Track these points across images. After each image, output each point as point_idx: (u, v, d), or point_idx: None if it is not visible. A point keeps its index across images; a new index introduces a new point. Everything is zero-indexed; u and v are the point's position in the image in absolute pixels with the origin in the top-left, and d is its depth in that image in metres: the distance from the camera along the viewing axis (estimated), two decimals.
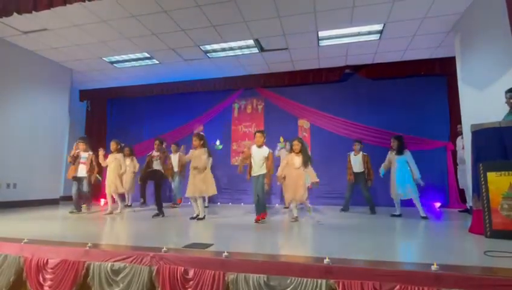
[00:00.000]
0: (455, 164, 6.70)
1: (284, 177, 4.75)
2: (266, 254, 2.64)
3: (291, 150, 4.86)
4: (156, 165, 5.48)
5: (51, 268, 2.67)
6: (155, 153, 5.54)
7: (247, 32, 6.08)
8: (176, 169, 6.91)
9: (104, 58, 7.37)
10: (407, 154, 5.27)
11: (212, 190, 4.85)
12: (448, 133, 7.04)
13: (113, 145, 5.74)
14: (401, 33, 6.06)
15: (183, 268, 2.37)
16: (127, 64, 7.72)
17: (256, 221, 4.49)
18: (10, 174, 6.52)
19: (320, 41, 6.44)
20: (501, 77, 4.31)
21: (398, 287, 1.94)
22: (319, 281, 2.07)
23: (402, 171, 5.19)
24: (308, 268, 2.18)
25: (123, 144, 5.95)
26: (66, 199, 7.94)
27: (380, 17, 5.53)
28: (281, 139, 7.87)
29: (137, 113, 9.46)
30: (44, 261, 2.70)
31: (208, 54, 7.10)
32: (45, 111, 7.45)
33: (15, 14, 4.55)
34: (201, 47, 6.74)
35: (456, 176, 6.55)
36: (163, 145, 5.69)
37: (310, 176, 4.88)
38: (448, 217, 5.38)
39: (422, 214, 5.00)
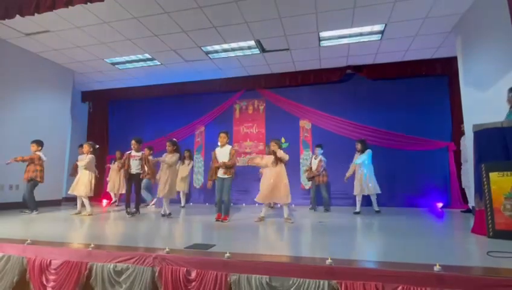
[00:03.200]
0: (457, 164, 6.69)
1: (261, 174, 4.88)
2: (268, 254, 2.64)
3: (268, 152, 4.96)
4: (134, 165, 5.58)
5: (54, 269, 2.68)
6: (134, 153, 5.65)
7: (249, 33, 6.09)
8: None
9: (105, 60, 7.40)
10: (367, 153, 5.83)
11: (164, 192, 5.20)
12: (450, 133, 7.03)
13: (85, 147, 5.77)
14: (402, 33, 6.05)
15: (185, 269, 2.37)
16: (129, 65, 7.75)
17: (217, 220, 4.66)
18: (12, 175, 6.54)
19: (321, 42, 6.45)
20: (503, 76, 4.30)
21: (400, 287, 1.94)
22: (321, 282, 2.07)
23: (366, 170, 5.79)
24: (310, 269, 2.18)
25: (97, 146, 6.01)
26: (69, 199, 7.97)
27: (381, 18, 5.53)
28: (283, 139, 7.88)
29: (139, 115, 9.48)
30: (47, 262, 2.71)
31: (209, 55, 7.11)
32: (47, 112, 7.48)
33: (17, 16, 4.57)
34: (202, 48, 6.75)
35: (460, 175, 6.53)
36: (140, 145, 5.82)
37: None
38: (450, 218, 5.37)
39: (376, 209, 5.81)
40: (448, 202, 6.77)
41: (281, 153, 4.72)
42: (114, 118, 9.82)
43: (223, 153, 4.84)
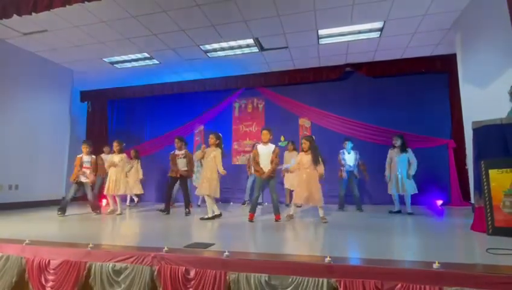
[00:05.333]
0: (457, 162, 6.68)
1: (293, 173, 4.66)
2: (267, 253, 2.63)
3: (301, 149, 4.81)
4: (181, 164, 5.67)
5: (53, 269, 2.68)
6: (178, 152, 5.74)
7: (247, 32, 6.07)
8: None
9: (104, 59, 7.38)
10: (409, 152, 5.45)
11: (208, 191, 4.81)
12: (450, 131, 7.02)
13: (116, 145, 5.76)
14: (401, 31, 6.03)
15: (184, 268, 2.37)
16: (128, 64, 7.72)
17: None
18: (12, 175, 6.54)
19: (320, 40, 6.42)
20: (502, 73, 4.28)
21: (399, 285, 1.94)
22: (321, 280, 2.07)
23: (403, 168, 5.40)
24: (310, 267, 2.17)
25: (124, 144, 6.01)
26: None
27: (380, 15, 5.51)
28: (282, 138, 7.89)
29: (138, 114, 9.48)
30: (46, 262, 2.71)
31: (208, 54, 7.09)
32: (46, 112, 7.46)
33: (15, 15, 4.55)
34: (201, 47, 6.73)
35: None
36: (183, 143, 5.86)
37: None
38: (450, 215, 5.37)
39: (409, 211, 5.34)
40: (448, 199, 6.77)
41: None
42: (113, 117, 9.81)
43: (265, 151, 4.68)
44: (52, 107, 7.66)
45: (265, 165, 4.66)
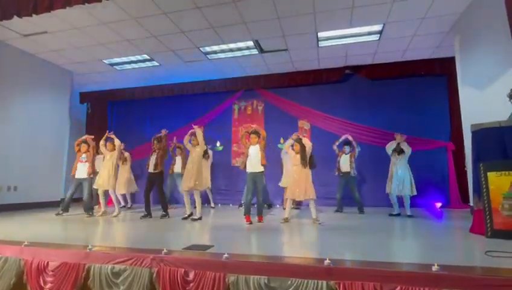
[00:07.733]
0: (456, 164, 6.69)
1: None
2: (267, 255, 2.63)
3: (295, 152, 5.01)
4: (152, 161, 5.64)
5: (52, 271, 2.67)
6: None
7: (247, 34, 6.08)
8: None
9: (104, 61, 7.39)
10: (408, 152, 5.48)
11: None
12: (449, 133, 7.03)
13: (109, 146, 5.81)
14: (400, 33, 6.06)
15: (183, 270, 2.37)
16: (127, 66, 7.73)
17: (248, 222, 4.53)
18: (11, 177, 6.53)
19: (319, 42, 6.45)
20: (501, 76, 4.30)
21: (398, 288, 1.94)
22: (320, 282, 2.07)
23: (402, 169, 5.41)
24: (309, 269, 2.17)
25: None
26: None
27: (380, 18, 5.53)
28: (282, 140, 7.88)
29: (138, 115, 9.46)
30: (45, 263, 2.70)
31: (207, 56, 7.11)
32: (46, 113, 7.46)
33: (15, 17, 4.56)
34: (201, 48, 6.75)
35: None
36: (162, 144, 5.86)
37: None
38: (449, 217, 5.37)
39: (408, 213, 5.29)
40: (447, 201, 6.77)
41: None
42: (113, 118, 9.80)
43: (254, 152, 4.94)
44: (52, 108, 7.65)
45: (254, 163, 4.85)
